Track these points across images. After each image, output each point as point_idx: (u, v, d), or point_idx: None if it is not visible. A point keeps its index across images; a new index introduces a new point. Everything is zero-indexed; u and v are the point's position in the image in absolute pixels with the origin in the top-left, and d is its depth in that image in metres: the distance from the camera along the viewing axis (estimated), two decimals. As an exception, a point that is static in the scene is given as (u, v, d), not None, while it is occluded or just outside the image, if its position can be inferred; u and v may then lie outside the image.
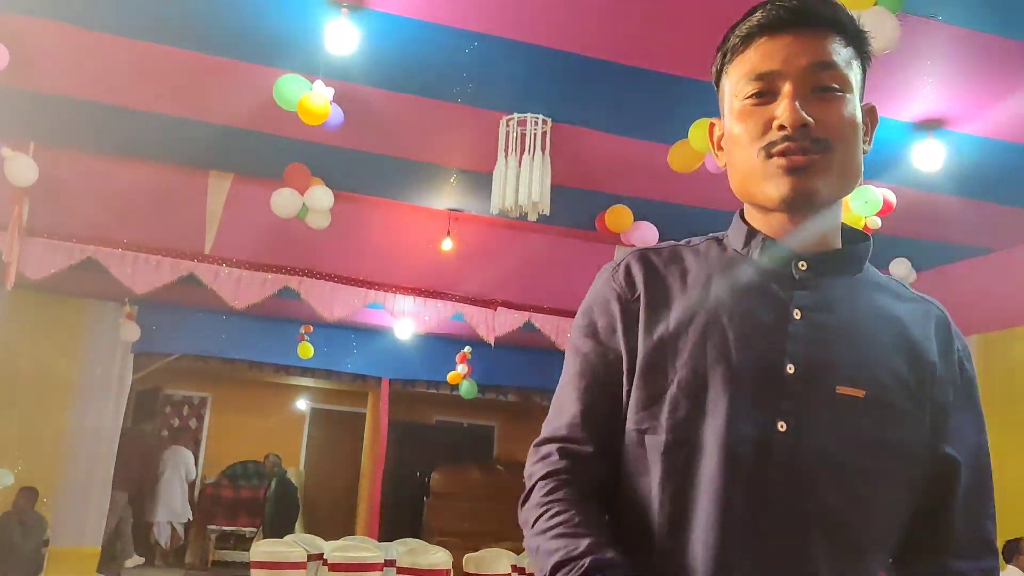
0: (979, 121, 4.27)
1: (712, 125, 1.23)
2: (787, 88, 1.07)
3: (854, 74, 1.11)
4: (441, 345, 8.84)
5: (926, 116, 4.24)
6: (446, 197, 5.81)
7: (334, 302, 6.88)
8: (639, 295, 1.16)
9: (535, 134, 4.44)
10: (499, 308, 7.33)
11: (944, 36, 3.59)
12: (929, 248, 5.97)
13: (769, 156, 1.07)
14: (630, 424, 1.12)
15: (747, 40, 1.12)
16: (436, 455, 11.83)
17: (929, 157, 4.35)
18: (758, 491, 1.02)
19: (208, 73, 4.25)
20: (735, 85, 1.13)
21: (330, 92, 3.94)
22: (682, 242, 1.23)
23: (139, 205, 5.87)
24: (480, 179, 5.00)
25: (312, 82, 3.92)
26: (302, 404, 12.92)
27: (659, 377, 1.10)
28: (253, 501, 11.25)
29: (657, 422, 1.09)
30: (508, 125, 4.46)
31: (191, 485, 10.91)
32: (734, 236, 1.19)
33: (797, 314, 1.09)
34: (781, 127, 1.06)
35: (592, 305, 1.20)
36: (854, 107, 1.10)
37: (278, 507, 10.42)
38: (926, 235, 5.77)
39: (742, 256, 1.16)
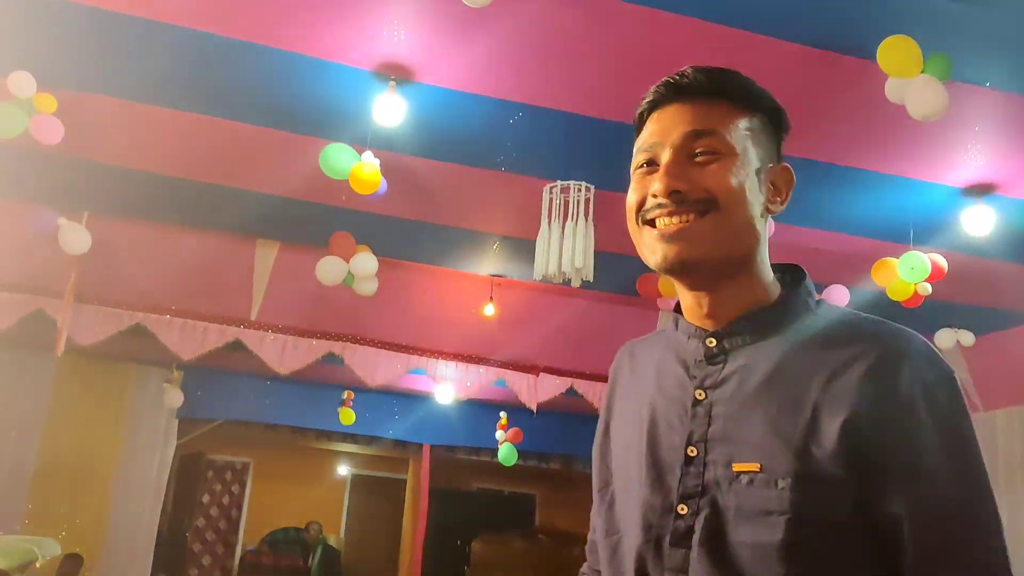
0: (1030, 186, 4.21)
1: None
2: (665, 156, 1.10)
3: (743, 137, 1.09)
4: (482, 411, 8.75)
5: (975, 181, 4.19)
6: (488, 263, 5.83)
7: (376, 368, 6.86)
8: (610, 394, 1.27)
9: (578, 200, 4.42)
10: (541, 374, 7.26)
11: (993, 102, 3.56)
12: (985, 314, 5.84)
13: (644, 223, 1.11)
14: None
15: (641, 119, 1.18)
16: (476, 523, 11.66)
17: (979, 222, 4.28)
18: None
19: (257, 144, 4.33)
20: (633, 160, 1.17)
21: (378, 162, 3.98)
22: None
23: (187, 272, 5.96)
24: (522, 245, 5.01)
25: (360, 153, 3.97)
26: (343, 470, 12.87)
27: (606, 475, 1.20)
28: (295, 569, 11.17)
29: (602, 518, 1.18)
30: (551, 192, 4.46)
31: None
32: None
33: (700, 395, 1.08)
34: (654, 195, 1.08)
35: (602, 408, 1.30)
36: (743, 169, 1.08)
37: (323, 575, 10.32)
38: (981, 301, 5.65)
39: (676, 337, 1.18)
